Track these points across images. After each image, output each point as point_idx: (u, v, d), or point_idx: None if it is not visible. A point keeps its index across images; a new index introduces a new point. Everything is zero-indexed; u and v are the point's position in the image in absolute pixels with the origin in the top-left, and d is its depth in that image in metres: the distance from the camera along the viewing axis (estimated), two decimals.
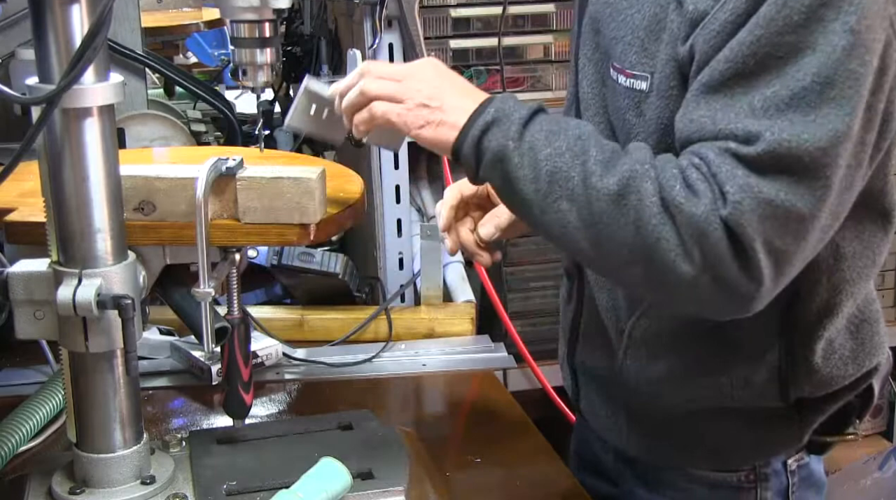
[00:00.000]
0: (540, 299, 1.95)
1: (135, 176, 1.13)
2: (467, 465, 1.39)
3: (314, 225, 1.14)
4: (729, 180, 0.99)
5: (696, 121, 1.03)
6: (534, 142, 1.07)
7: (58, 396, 1.40)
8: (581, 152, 1.05)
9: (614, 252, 1.05)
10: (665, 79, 1.09)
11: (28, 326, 1.09)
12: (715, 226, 0.99)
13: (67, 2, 0.99)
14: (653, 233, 1.01)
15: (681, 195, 1.00)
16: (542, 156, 1.06)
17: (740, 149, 0.99)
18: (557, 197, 1.05)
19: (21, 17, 1.77)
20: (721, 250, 0.99)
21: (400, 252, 1.86)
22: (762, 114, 0.99)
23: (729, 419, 1.22)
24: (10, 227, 1.16)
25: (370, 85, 1.12)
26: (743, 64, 1.00)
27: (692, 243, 1.00)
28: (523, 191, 1.07)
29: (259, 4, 1.16)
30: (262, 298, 1.96)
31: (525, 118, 1.08)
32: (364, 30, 1.75)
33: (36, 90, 1.00)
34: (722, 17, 1.02)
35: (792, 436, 1.23)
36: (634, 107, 1.13)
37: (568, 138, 1.06)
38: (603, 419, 1.34)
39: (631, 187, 1.02)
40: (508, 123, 1.08)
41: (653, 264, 1.03)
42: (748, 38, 1.00)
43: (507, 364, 1.75)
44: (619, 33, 1.14)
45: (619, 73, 1.14)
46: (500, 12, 1.81)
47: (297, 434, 1.28)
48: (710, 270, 1.00)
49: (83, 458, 1.12)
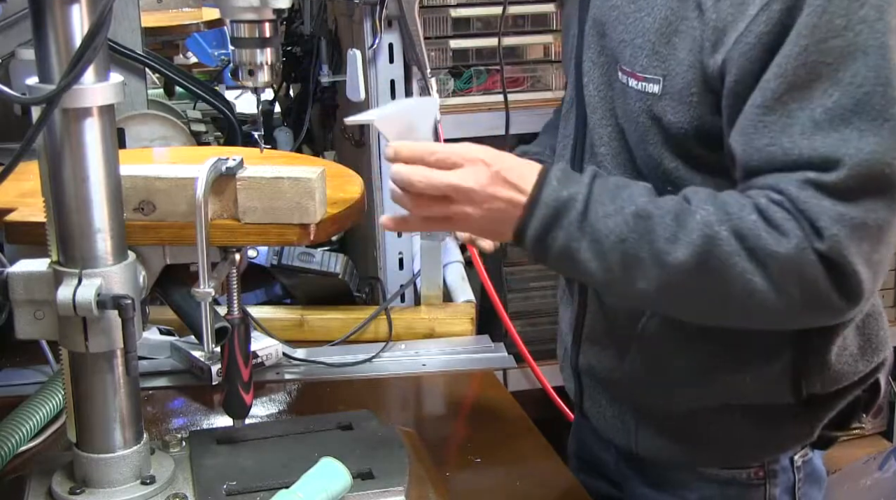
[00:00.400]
0: (540, 299, 1.95)
1: (135, 176, 1.13)
2: (467, 465, 1.39)
3: (314, 225, 1.14)
4: (820, 215, 0.98)
5: (762, 150, 1.02)
6: (596, 233, 1.06)
7: (58, 396, 1.40)
8: (646, 231, 1.04)
9: (703, 312, 1.08)
10: (685, 84, 1.08)
11: (28, 326, 1.09)
12: (810, 261, 0.99)
13: (67, 2, 0.99)
14: (745, 287, 1.01)
15: (769, 240, 1.00)
16: (608, 245, 1.05)
17: (821, 178, 0.99)
18: (633, 280, 1.05)
19: (21, 17, 1.77)
20: (820, 282, 1.00)
21: (400, 252, 1.86)
22: (828, 126, 0.98)
23: (740, 416, 1.22)
24: (10, 227, 1.16)
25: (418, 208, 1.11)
26: (794, 76, 0.99)
27: (789, 283, 1.00)
28: (597, 279, 1.08)
29: (259, 4, 1.15)
30: (262, 298, 1.96)
31: (582, 208, 1.06)
32: (364, 30, 1.75)
33: (36, 90, 1.00)
34: (756, 29, 1.01)
35: (802, 432, 1.24)
36: (647, 110, 1.12)
37: (627, 219, 1.05)
38: (609, 420, 1.33)
39: (708, 254, 1.01)
40: (567, 221, 1.07)
41: (748, 312, 1.04)
42: (794, 50, 0.99)
43: (507, 364, 1.75)
44: (628, 36, 1.14)
45: (629, 77, 1.14)
46: (500, 12, 1.81)
47: (297, 434, 1.28)
48: (810, 302, 1.02)
49: (83, 458, 1.12)
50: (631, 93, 1.14)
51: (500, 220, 1.10)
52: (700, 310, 1.09)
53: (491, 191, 1.09)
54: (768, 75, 1.00)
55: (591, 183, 1.09)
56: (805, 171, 0.99)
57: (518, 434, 1.47)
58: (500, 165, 1.10)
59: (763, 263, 1.00)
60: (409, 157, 1.10)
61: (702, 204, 1.04)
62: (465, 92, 1.87)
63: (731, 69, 1.03)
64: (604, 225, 1.06)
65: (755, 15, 1.01)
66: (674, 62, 1.09)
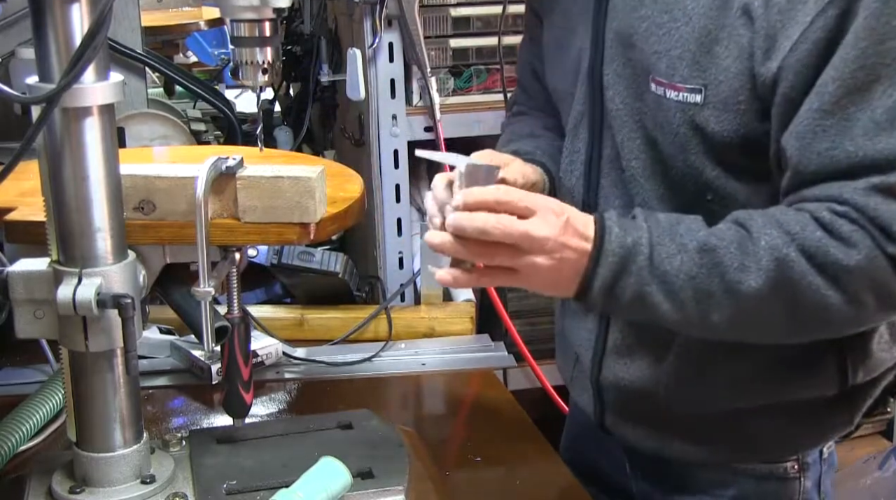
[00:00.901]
0: (540, 298, 1.95)
1: (135, 175, 1.13)
2: (467, 465, 1.39)
3: (314, 224, 1.14)
4: (893, 220, 0.99)
5: (823, 154, 1.01)
6: (664, 275, 1.05)
7: (58, 395, 1.40)
8: (713, 265, 1.04)
9: (780, 334, 1.08)
10: (731, 93, 1.07)
11: (28, 325, 1.09)
12: (882, 267, 1.00)
13: (67, 1, 0.99)
14: (820, 303, 1.02)
15: (838, 254, 1.00)
16: (678, 285, 1.05)
17: (888, 180, 0.99)
18: (706, 314, 1.05)
19: (21, 17, 1.77)
20: (892, 285, 1.01)
21: (400, 252, 1.86)
22: (890, 126, 0.99)
23: (783, 412, 1.21)
24: (10, 226, 1.16)
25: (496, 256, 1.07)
26: (853, 79, 0.99)
27: (863, 293, 1.01)
28: (671, 319, 1.08)
29: (259, 4, 1.15)
30: (262, 297, 1.96)
31: (648, 252, 1.06)
32: (364, 29, 1.75)
33: (36, 89, 1.00)
34: (813, 35, 1.00)
35: (842, 422, 1.24)
36: (688, 120, 1.11)
37: (693, 255, 1.05)
38: (635, 429, 1.31)
39: (781, 277, 1.02)
40: (636, 267, 1.06)
41: (823, 326, 1.05)
42: (852, 53, 0.99)
43: (507, 364, 1.75)
44: (662, 48, 1.12)
45: (666, 88, 1.12)
46: (500, 12, 1.81)
47: (297, 434, 1.28)
48: (884, 305, 1.03)
49: (83, 457, 1.12)
50: (668, 104, 1.12)
51: (568, 271, 1.07)
52: (777, 332, 1.09)
53: (563, 240, 1.06)
54: (825, 78, 1.00)
55: (648, 225, 1.08)
56: (869, 176, 0.99)
57: (518, 434, 1.47)
58: (569, 213, 1.08)
59: (835, 277, 1.01)
60: (475, 204, 1.05)
61: (763, 229, 1.04)
62: (465, 91, 1.87)
63: (786, 76, 1.02)
64: (670, 265, 1.05)
65: (810, 21, 1.00)
66: (716, 71, 1.07)
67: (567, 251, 1.06)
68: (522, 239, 1.05)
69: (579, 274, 1.07)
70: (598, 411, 1.34)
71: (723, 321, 1.05)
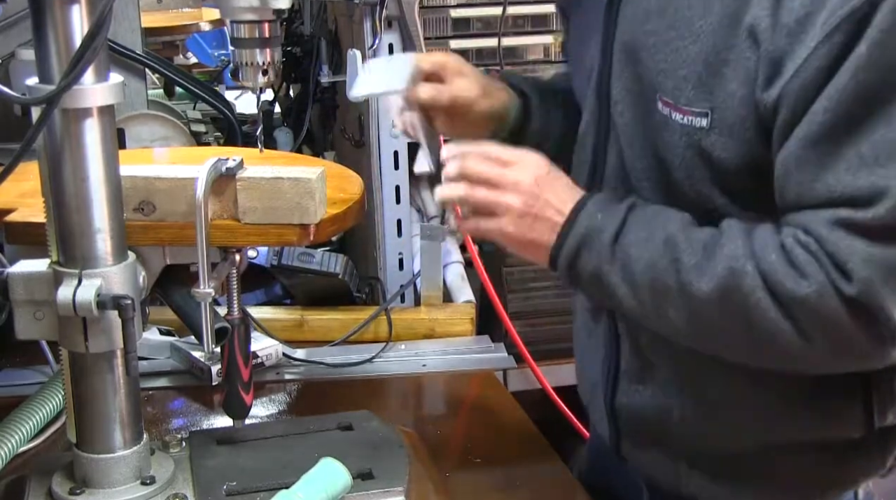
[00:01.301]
0: (540, 299, 1.95)
1: (135, 176, 1.13)
2: (467, 465, 1.39)
3: (314, 225, 1.14)
4: (850, 256, 0.94)
5: (805, 184, 0.97)
6: (626, 259, 1.05)
7: (58, 396, 1.40)
8: (673, 260, 1.03)
9: (731, 346, 1.05)
10: (738, 119, 1.01)
11: (28, 326, 1.09)
12: (834, 307, 0.95)
13: (67, 2, 0.99)
14: (769, 327, 0.99)
15: (788, 281, 0.97)
16: (637, 271, 1.04)
17: (856, 216, 0.94)
18: (660, 307, 1.04)
19: (21, 17, 1.77)
20: (846, 328, 0.96)
21: (400, 252, 1.86)
22: (874, 162, 0.94)
23: (808, 453, 1.15)
24: (10, 227, 1.16)
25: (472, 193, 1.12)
26: (846, 112, 0.94)
27: (812, 328, 0.97)
28: (626, 305, 1.07)
29: (259, 4, 1.15)
30: (262, 298, 1.96)
31: (614, 233, 1.06)
32: (364, 30, 1.75)
33: (36, 90, 1.00)
34: (816, 63, 0.94)
35: (875, 466, 1.18)
36: (694, 145, 1.05)
37: (657, 246, 1.03)
38: (652, 462, 1.25)
39: (731, 288, 0.99)
40: (599, 244, 1.06)
41: (777, 354, 1.01)
42: (849, 84, 0.94)
43: (507, 364, 1.75)
44: (669, 66, 1.06)
45: (672, 110, 1.06)
46: (500, 12, 1.81)
47: (297, 435, 1.28)
48: (837, 348, 0.99)
49: (83, 458, 1.12)
50: (674, 126, 1.06)
51: (541, 231, 1.09)
52: (730, 348, 1.06)
53: (538, 192, 1.09)
54: (817, 107, 0.95)
55: (628, 207, 1.07)
56: (839, 208, 0.95)
57: (518, 435, 1.46)
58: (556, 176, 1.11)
59: (785, 304, 0.97)
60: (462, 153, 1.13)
61: (732, 237, 1.01)
62: None
63: (786, 103, 0.97)
64: (635, 252, 1.04)
65: (815, 47, 0.95)
66: (723, 95, 1.01)
67: (543, 207, 1.09)
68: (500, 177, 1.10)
69: (552, 242, 1.09)
70: (614, 438, 1.29)
71: (680, 320, 1.04)
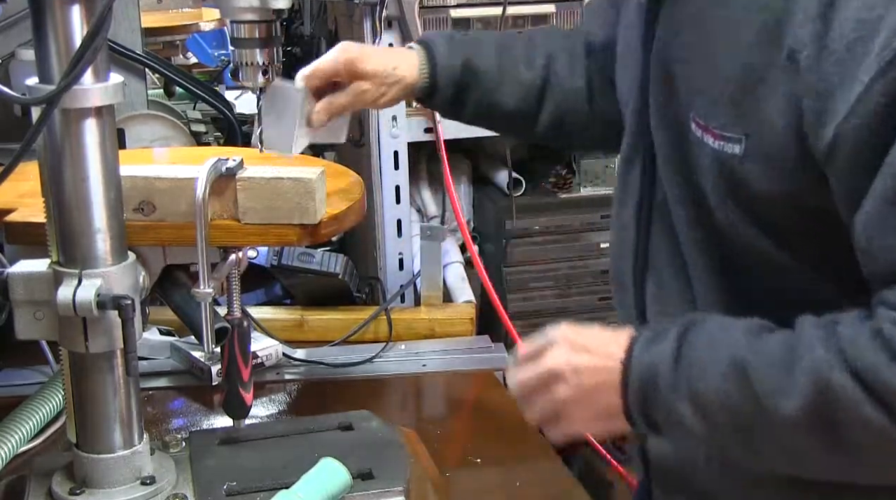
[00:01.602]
0: (540, 300, 1.95)
1: (135, 176, 1.13)
2: (467, 465, 1.39)
3: (314, 225, 1.14)
4: None
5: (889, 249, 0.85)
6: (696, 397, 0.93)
7: (58, 396, 1.40)
8: (746, 386, 0.90)
9: (823, 467, 0.93)
10: (777, 148, 0.90)
11: (28, 326, 1.09)
12: None
13: (67, 2, 0.99)
14: (869, 435, 0.86)
15: (890, 376, 0.83)
16: (711, 411, 0.92)
17: None
18: (741, 440, 0.93)
19: (21, 17, 1.77)
20: None
21: (400, 252, 1.86)
22: None
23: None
24: (10, 227, 1.16)
25: None
26: None
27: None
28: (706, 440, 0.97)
29: (259, 5, 1.15)
30: (262, 298, 1.96)
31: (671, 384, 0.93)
32: (364, 30, 1.75)
33: (36, 90, 1.00)
34: (872, 100, 0.83)
35: None
36: (728, 173, 0.94)
37: (723, 368, 0.91)
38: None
39: (822, 403, 0.86)
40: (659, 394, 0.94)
41: (875, 460, 0.89)
42: None
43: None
44: (701, 84, 0.96)
45: (704, 133, 0.96)
46: (500, 12, 1.81)
47: (298, 435, 1.28)
48: None
49: (83, 458, 1.12)
50: (707, 151, 0.96)
51: (604, 395, 0.97)
52: (820, 463, 0.92)
53: (575, 363, 0.98)
54: (892, 158, 0.82)
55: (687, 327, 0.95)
56: None
57: (518, 435, 1.46)
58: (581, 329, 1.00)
59: (889, 404, 0.84)
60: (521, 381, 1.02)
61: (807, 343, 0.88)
62: None
63: (844, 145, 0.85)
64: (705, 388, 0.92)
65: (868, 82, 0.83)
66: (759, 121, 0.91)
67: (585, 376, 0.98)
68: (539, 377, 1.00)
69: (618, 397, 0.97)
70: (645, 483, 1.22)
71: (764, 449, 0.93)
